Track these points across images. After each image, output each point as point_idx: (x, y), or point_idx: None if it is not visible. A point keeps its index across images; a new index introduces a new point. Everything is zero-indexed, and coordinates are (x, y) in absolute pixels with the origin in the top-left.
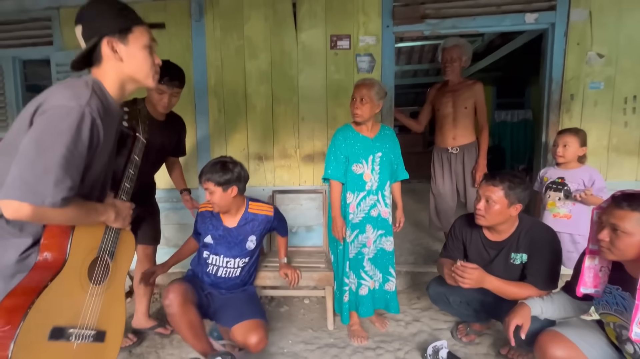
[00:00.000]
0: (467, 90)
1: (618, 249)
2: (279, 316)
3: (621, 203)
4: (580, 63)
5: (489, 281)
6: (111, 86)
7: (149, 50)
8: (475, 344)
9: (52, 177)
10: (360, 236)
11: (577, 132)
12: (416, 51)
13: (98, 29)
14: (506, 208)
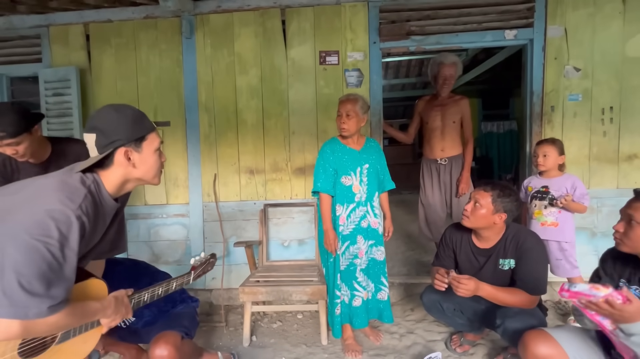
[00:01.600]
0: (455, 105)
1: (631, 239)
2: (272, 332)
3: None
4: (558, 76)
5: (482, 288)
6: (113, 186)
7: (159, 152)
8: (469, 355)
9: (36, 287)
10: (352, 247)
11: (554, 142)
12: (403, 65)
13: (114, 138)
14: (491, 214)
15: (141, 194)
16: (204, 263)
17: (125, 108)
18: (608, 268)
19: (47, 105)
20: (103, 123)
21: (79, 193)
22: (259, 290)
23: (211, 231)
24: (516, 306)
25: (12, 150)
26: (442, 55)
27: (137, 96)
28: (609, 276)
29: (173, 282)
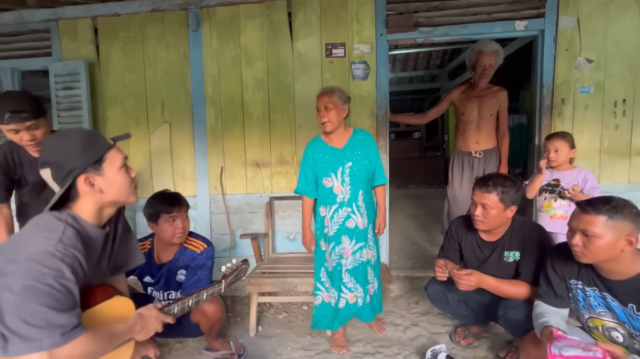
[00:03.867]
0: (493, 97)
1: (591, 252)
2: (278, 323)
3: (587, 209)
4: (570, 68)
5: (486, 281)
6: (91, 215)
7: (125, 168)
8: (473, 348)
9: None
10: (337, 247)
11: (565, 136)
12: (411, 58)
13: (69, 168)
14: (502, 211)
15: (149, 186)
16: (235, 270)
17: (73, 133)
18: (558, 267)
19: (58, 99)
20: (53, 155)
21: (57, 228)
22: (265, 281)
23: (218, 223)
24: (520, 298)
25: (30, 136)
26: (482, 42)
27: (145, 90)
28: (560, 276)
29: (204, 293)
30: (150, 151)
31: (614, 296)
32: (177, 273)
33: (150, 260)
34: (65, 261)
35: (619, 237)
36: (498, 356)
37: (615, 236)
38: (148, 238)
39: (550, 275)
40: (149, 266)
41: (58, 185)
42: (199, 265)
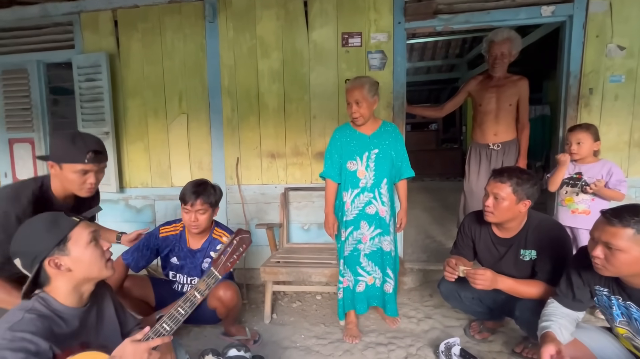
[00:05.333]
0: (512, 86)
1: (613, 266)
2: (292, 311)
3: (612, 220)
4: (599, 56)
5: (501, 281)
6: (66, 295)
7: (94, 242)
8: (488, 342)
9: None
10: (355, 232)
11: (589, 128)
12: (429, 47)
13: (34, 254)
14: (515, 204)
15: (168, 176)
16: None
17: (36, 219)
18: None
19: (81, 90)
20: (18, 244)
21: (13, 317)
22: (280, 271)
23: (234, 213)
24: (536, 298)
25: (96, 179)
26: (494, 31)
27: (163, 81)
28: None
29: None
30: (169, 141)
31: (637, 305)
32: (204, 261)
33: (181, 242)
34: (10, 348)
35: None
36: (514, 352)
37: None
38: (180, 221)
39: (574, 278)
40: (178, 247)
41: (28, 272)
42: None
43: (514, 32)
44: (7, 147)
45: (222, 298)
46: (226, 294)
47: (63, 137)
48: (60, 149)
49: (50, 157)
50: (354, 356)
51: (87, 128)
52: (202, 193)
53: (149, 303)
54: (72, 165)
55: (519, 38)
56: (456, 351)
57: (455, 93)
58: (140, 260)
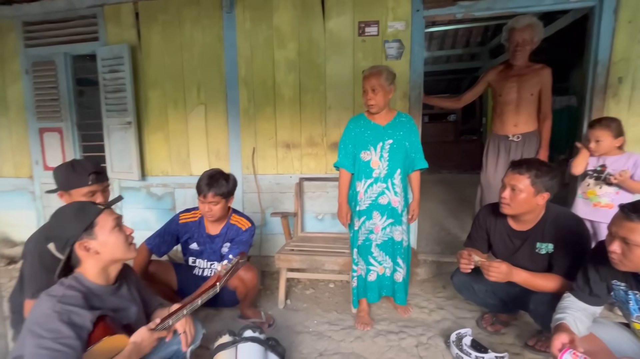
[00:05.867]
0: (534, 75)
1: (631, 261)
2: (305, 298)
3: (630, 215)
4: (631, 42)
5: (517, 274)
6: (95, 275)
7: (118, 227)
8: (500, 335)
9: None
10: (367, 222)
11: (609, 125)
12: (449, 35)
13: (66, 239)
14: (532, 196)
15: (187, 165)
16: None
17: (66, 208)
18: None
19: (105, 82)
20: (51, 231)
21: (57, 291)
22: (294, 258)
23: (250, 202)
24: (552, 292)
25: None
26: (515, 18)
27: (182, 72)
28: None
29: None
30: (188, 131)
31: None
32: (223, 246)
33: (200, 229)
34: (63, 320)
35: None
36: (526, 345)
37: None
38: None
39: (590, 273)
40: (197, 233)
41: (60, 255)
42: (242, 241)
43: (535, 18)
44: (38, 135)
45: (243, 278)
46: (247, 274)
47: (63, 167)
48: (64, 178)
49: (58, 187)
50: (364, 343)
51: (110, 118)
52: (214, 186)
53: (172, 287)
54: (79, 189)
55: (541, 25)
56: (467, 341)
57: (475, 84)
58: (161, 245)
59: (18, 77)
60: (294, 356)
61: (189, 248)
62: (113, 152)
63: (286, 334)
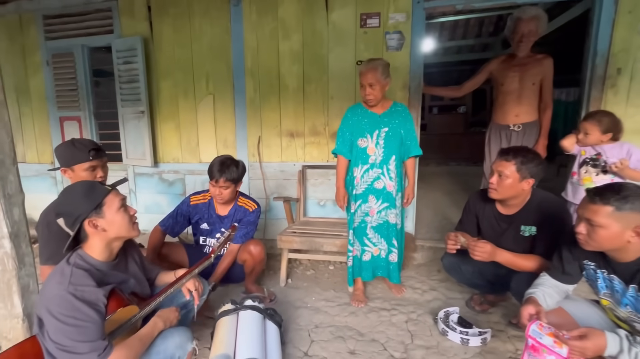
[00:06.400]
0: (537, 65)
1: (595, 241)
2: (306, 278)
3: (594, 198)
4: (631, 33)
5: (500, 254)
6: (100, 252)
7: (124, 208)
8: (488, 314)
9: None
10: (364, 205)
11: (600, 120)
12: (460, 25)
13: (76, 216)
14: (518, 182)
15: (196, 152)
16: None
17: (76, 186)
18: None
19: (119, 72)
20: (62, 207)
21: (65, 273)
22: (294, 239)
23: (255, 188)
24: (533, 272)
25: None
26: (521, 9)
27: (192, 63)
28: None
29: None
30: (197, 120)
31: (621, 279)
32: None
33: (210, 210)
34: (80, 298)
35: (626, 228)
36: (510, 322)
37: (621, 227)
38: (208, 191)
39: (564, 253)
40: (207, 214)
41: (70, 230)
42: (250, 221)
43: (541, 10)
44: (59, 124)
45: (252, 252)
46: (256, 248)
47: (65, 145)
48: (67, 155)
49: (61, 164)
50: (358, 318)
51: (125, 107)
52: (225, 172)
53: (184, 266)
54: (81, 164)
55: (546, 17)
56: (454, 318)
57: (476, 73)
58: (174, 226)
59: (39, 68)
60: (292, 327)
61: (200, 228)
62: (127, 139)
63: (286, 309)
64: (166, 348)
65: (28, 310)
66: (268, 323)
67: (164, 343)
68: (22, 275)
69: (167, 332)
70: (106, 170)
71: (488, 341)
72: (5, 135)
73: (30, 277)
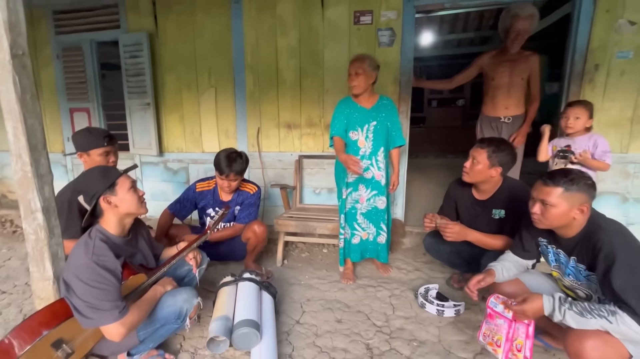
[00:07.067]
0: (524, 61)
1: (547, 219)
2: (301, 260)
3: (547, 181)
4: (607, 31)
5: (470, 234)
6: (114, 226)
7: (134, 188)
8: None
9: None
10: (354, 193)
11: (587, 105)
12: (460, 18)
13: (93, 193)
14: (487, 168)
15: (199, 143)
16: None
17: (93, 170)
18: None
19: (126, 66)
20: (82, 186)
21: (89, 244)
22: (290, 223)
23: (255, 176)
24: (500, 250)
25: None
26: (518, 5)
27: (195, 58)
28: (531, 233)
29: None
30: (200, 112)
31: (565, 252)
32: (235, 209)
33: (215, 196)
34: (102, 266)
35: (572, 206)
36: (483, 297)
37: (569, 206)
38: (213, 178)
39: (523, 232)
40: (213, 200)
41: (88, 205)
42: (251, 203)
43: (535, 8)
44: (69, 115)
45: (256, 231)
46: (260, 228)
47: (82, 133)
48: (83, 140)
49: (78, 149)
50: (346, 293)
51: (131, 99)
52: (233, 166)
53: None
54: (96, 149)
55: (538, 14)
56: (433, 293)
57: (467, 67)
58: (182, 210)
59: (50, 61)
60: (286, 300)
61: (206, 212)
62: (134, 130)
63: (281, 285)
64: (175, 302)
65: (57, 274)
66: (264, 294)
67: (173, 298)
68: (52, 243)
69: (176, 290)
70: (117, 155)
71: (461, 313)
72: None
73: (59, 246)
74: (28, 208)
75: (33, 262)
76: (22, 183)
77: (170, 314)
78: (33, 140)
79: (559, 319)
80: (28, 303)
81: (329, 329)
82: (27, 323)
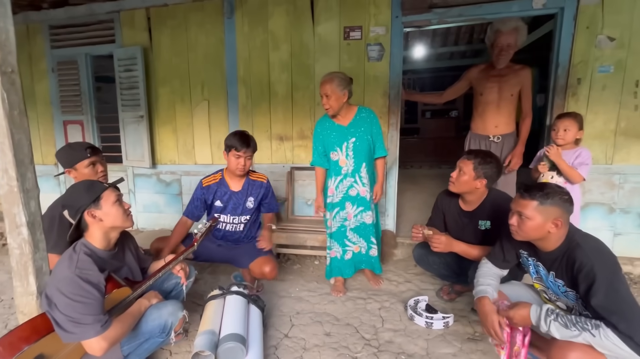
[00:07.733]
0: (514, 76)
1: (524, 231)
2: (292, 271)
3: (523, 194)
4: (589, 47)
5: (456, 245)
6: (99, 240)
7: (119, 202)
8: (455, 302)
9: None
10: (341, 212)
11: (576, 117)
12: (452, 32)
13: (77, 207)
14: (472, 179)
15: (192, 155)
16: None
17: (78, 184)
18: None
19: (120, 79)
20: (66, 200)
21: (73, 258)
22: (280, 235)
23: None
24: None
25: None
26: (500, 20)
27: (188, 71)
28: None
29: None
30: (193, 125)
31: (544, 266)
32: (247, 200)
33: (223, 187)
34: (85, 279)
35: (547, 220)
36: (472, 309)
37: (543, 219)
38: (218, 171)
39: (504, 242)
40: (221, 192)
41: (72, 220)
42: (272, 193)
43: (520, 21)
44: (62, 127)
45: (265, 274)
46: (271, 273)
47: (63, 150)
48: (66, 156)
49: (65, 166)
50: (336, 305)
51: (125, 112)
52: (249, 144)
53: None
54: (81, 162)
55: (526, 27)
56: (422, 305)
57: (457, 80)
58: (194, 210)
59: (45, 75)
60: (275, 313)
61: (214, 206)
62: (127, 142)
63: (270, 298)
64: (160, 315)
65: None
66: (252, 307)
67: (158, 311)
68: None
69: (161, 303)
70: (105, 165)
71: (450, 325)
72: (25, 139)
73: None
74: (13, 222)
75: (17, 277)
76: (7, 197)
77: (155, 328)
78: (20, 155)
79: (545, 330)
80: (14, 318)
81: (317, 343)
82: (6, 338)
